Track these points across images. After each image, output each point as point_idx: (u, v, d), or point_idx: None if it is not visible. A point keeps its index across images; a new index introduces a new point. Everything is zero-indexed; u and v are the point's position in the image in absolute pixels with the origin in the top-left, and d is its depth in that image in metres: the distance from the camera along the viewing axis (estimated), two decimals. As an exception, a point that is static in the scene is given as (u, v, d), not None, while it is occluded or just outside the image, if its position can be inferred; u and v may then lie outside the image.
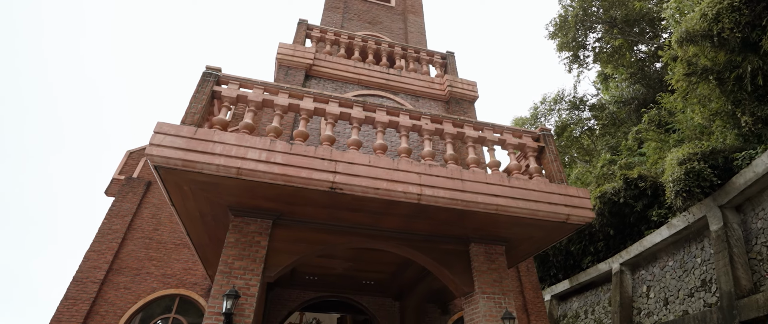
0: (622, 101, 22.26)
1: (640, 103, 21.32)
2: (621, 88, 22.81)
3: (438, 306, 10.25)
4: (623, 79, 21.43)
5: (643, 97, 21.30)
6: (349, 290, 9.50)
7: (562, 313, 15.75)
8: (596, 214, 14.13)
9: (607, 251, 14.67)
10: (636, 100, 21.84)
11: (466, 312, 5.93)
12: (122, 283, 8.56)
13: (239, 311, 4.68)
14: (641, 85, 21.74)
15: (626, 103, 22.30)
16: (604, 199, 13.49)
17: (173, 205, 5.42)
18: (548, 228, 5.91)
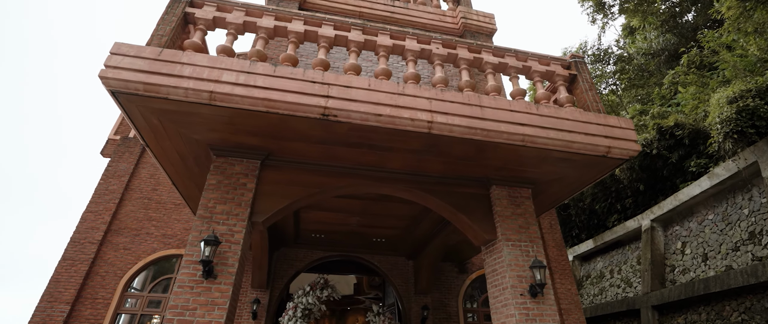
0: (651, 53, 20.42)
1: (671, 55, 19.49)
2: (649, 40, 20.89)
3: (454, 264, 9.52)
4: (653, 29, 19.52)
5: (674, 47, 19.44)
6: (359, 249, 8.83)
7: (585, 274, 14.92)
8: (626, 167, 12.98)
9: (635, 208, 13.59)
10: (666, 51, 19.98)
11: (488, 263, 5.12)
12: (122, 243, 8.09)
13: (221, 259, 3.97)
14: (673, 34, 19.80)
15: (655, 55, 20.45)
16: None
17: (148, 146, 4.67)
18: (584, 164, 4.95)
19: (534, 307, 4.43)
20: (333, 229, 7.82)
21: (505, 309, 4.50)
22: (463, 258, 9.37)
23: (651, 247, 11.54)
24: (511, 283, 4.53)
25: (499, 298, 4.67)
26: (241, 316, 7.69)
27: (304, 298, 7.44)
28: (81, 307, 7.31)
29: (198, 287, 3.79)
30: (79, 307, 7.30)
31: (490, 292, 4.90)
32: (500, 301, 4.65)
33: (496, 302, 4.74)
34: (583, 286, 14.56)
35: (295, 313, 7.28)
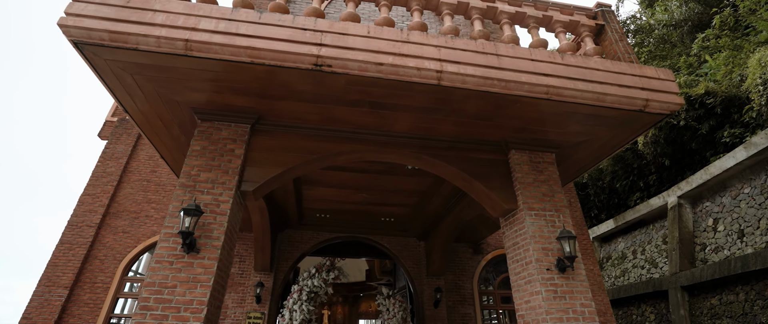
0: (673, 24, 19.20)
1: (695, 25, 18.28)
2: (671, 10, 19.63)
3: (468, 245, 8.97)
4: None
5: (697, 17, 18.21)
6: (367, 230, 8.35)
7: (606, 255, 14.22)
8: (650, 142, 12.16)
9: (660, 185, 12.78)
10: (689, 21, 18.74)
11: (507, 236, 4.55)
12: (120, 226, 7.77)
13: (205, 232, 3.49)
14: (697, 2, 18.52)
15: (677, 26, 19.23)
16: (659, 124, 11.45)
17: (127, 112, 4.19)
18: (617, 122, 4.30)
19: (563, 283, 3.86)
20: (338, 207, 7.33)
21: (530, 286, 3.94)
22: (478, 238, 8.81)
23: (679, 225, 10.78)
24: (536, 257, 3.96)
25: (522, 274, 4.11)
26: (245, 300, 7.31)
27: (309, 281, 7.02)
28: (80, 291, 7.02)
29: (178, 262, 3.32)
30: (77, 291, 7.00)
31: (511, 268, 4.34)
32: (523, 278, 4.09)
33: (518, 279, 4.18)
34: (604, 268, 13.88)
35: (300, 295, 6.87)
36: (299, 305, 6.76)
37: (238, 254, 7.83)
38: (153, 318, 3.06)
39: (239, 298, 7.38)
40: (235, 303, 7.32)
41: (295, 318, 6.62)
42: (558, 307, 3.72)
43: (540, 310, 3.73)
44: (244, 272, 7.65)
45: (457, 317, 7.96)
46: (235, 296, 7.39)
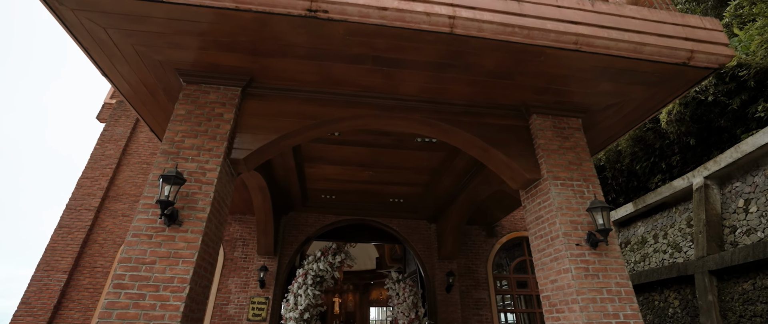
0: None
1: None
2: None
3: (482, 228, 8.50)
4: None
5: (722, -10, 17.14)
6: (374, 212, 7.93)
7: (624, 240, 13.59)
8: (674, 119, 11.44)
9: (683, 166, 12.06)
10: (714, -6, 17.67)
11: (529, 209, 4.06)
12: (120, 210, 7.50)
13: (189, 202, 3.09)
14: (722, -26, 17.44)
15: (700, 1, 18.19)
16: (685, 100, 10.73)
17: (106, 77, 3.79)
18: (655, 78, 3.75)
19: (595, 260, 3.37)
20: (344, 187, 6.91)
21: (557, 263, 3.47)
22: (492, 220, 8.34)
23: (705, 206, 10.12)
24: (563, 231, 3.47)
25: (547, 251, 3.63)
26: (248, 285, 6.99)
27: (314, 264, 6.66)
28: (79, 275, 6.77)
29: (158, 236, 2.93)
30: (77, 275, 6.76)
31: (535, 245, 3.87)
32: (548, 255, 3.61)
33: (542, 256, 3.71)
34: (623, 253, 13.26)
35: (305, 280, 6.52)
36: (304, 290, 6.41)
37: (242, 238, 7.50)
38: (128, 297, 2.68)
39: (242, 282, 7.06)
40: (238, 288, 7.01)
41: (300, 303, 6.29)
42: (590, 287, 3.24)
43: (569, 289, 3.26)
44: (248, 256, 7.32)
45: (470, 302, 7.53)
46: (239, 281, 7.07)
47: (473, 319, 7.36)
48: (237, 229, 7.56)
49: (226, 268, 7.17)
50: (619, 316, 3.14)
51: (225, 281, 7.05)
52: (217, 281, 7.02)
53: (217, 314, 6.74)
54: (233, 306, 6.83)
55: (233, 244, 7.41)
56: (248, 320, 6.58)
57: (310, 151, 5.69)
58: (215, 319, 6.70)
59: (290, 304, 6.26)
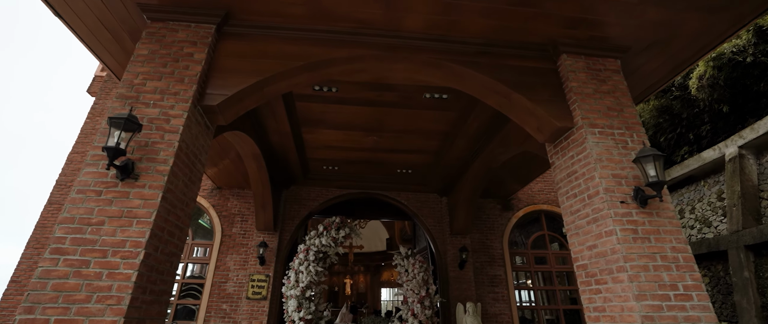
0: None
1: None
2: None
3: (497, 202, 7.88)
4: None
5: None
6: (381, 184, 7.36)
7: (647, 217, 12.80)
8: (706, 85, 10.49)
9: (714, 136, 11.15)
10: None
11: (559, 166, 3.41)
12: (113, 186, 7.09)
13: (148, 154, 2.53)
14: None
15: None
16: (719, 63, 9.76)
17: (62, 19, 3.22)
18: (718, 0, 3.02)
19: (644, 220, 2.73)
20: (347, 156, 6.33)
21: (596, 226, 2.84)
22: (507, 193, 7.70)
23: (740, 178, 9.29)
24: (604, 186, 2.83)
25: (583, 212, 3.00)
26: (248, 262, 6.54)
27: (316, 240, 6.16)
28: (71, 254, 6.40)
29: (109, 192, 2.39)
30: (68, 254, 6.39)
31: (566, 207, 3.23)
32: (584, 216, 2.98)
33: (576, 219, 3.08)
34: (645, 230, 12.50)
35: (307, 256, 6.04)
36: (306, 266, 5.94)
37: (240, 213, 7.03)
38: (68, 264, 2.16)
39: (242, 259, 6.62)
40: (237, 265, 6.57)
41: (301, 280, 5.83)
42: (640, 252, 2.61)
43: (614, 256, 2.64)
44: (247, 232, 6.86)
45: (485, 279, 6.98)
46: (238, 258, 6.63)
47: (488, 297, 6.83)
48: (235, 204, 7.09)
49: (224, 245, 6.73)
50: (678, 287, 2.52)
51: (223, 258, 6.62)
52: (214, 258, 6.59)
53: (216, 292, 6.34)
54: (232, 284, 6.41)
55: (231, 220, 6.95)
56: (248, 298, 6.15)
57: (306, 113, 5.10)
58: (213, 298, 6.30)
59: (291, 281, 5.80)
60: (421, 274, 6.00)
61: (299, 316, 5.50)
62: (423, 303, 5.78)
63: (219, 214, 6.97)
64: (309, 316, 5.51)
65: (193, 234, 6.93)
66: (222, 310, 6.20)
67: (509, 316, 6.70)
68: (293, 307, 5.57)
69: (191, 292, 6.48)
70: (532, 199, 8.04)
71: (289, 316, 5.57)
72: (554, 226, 8.07)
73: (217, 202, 7.09)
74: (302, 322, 5.46)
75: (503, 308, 6.76)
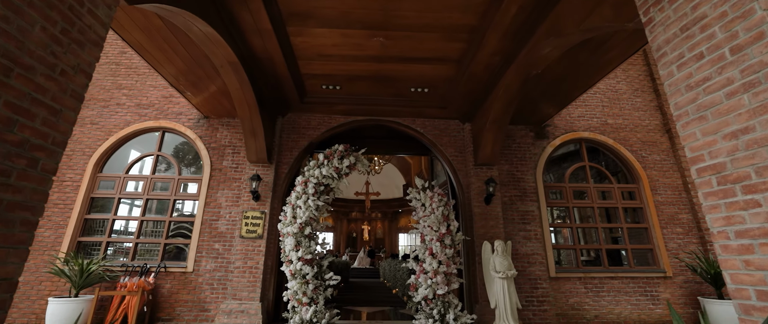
0: None
1: None
2: None
3: (528, 128, 6.63)
4: None
5: None
6: (392, 109, 6.18)
7: None
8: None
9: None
10: None
11: (664, 21, 2.11)
12: (88, 117, 6.20)
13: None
14: None
15: None
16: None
17: None
18: None
19: None
20: (349, 70, 5.11)
21: (752, 95, 1.61)
22: (541, 119, 6.42)
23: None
24: None
25: (717, 80, 1.77)
26: (241, 198, 5.68)
27: (316, 171, 5.19)
28: (47, 191, 5.66)
29: None
30: (44, 191, 5.65)
31: (677, 80, 1.99)
32: (721, 85, 1.75)
33: (702, 94, 1.85)
34: None
35: (305, 189, 5.10)
36: (304, 200, 5.03)
37: (231, 145, 6.07)
38: None
39: (234, 195, 5.75)
40: (229, 201, 5.72)
41: (299, 216, 4.95)
42: None
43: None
44: (239, 166, 5.94)
45: (515, 215, 5.95)
46: (229, 193, 5.77)
47: (519, 235, 5.84)
48: (225, 135, 6.11)
49: (214, 180, 5.85)
50: None
51: (213, 194, 5.77)
52: (204, 194, 5.75)
53: (207, 231, 5.56)
54: (224, 222, 5.61)
55: (221, 152, 6.01)
56: (242, 237, 5.36)
57: (290, 3, 3.83)
58: (204, 236, 5.54)
59: (287, 218, 4.92)
60: (441, 209, 5.00)
61: (297, 255, 4.68)
62: (443, 241, 4.84)
63: (207, 146, 6.03)
64: (308, 255, 4.68)
65: (180, 167, 6.06)
66: (214, 250, 5.45)
67: (543, 256, 5.73)
68: (290, 245, 4.74)
69: (181, 232, 5.75)
70: (571, 126, 6.74)
71: (286, 256, 4.76)
72: (596, 157, 6.83)
73: (205, 132, 6.12)
74: (301, 262, 4.65)
75: (536, 248, 5.78)
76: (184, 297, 5.21)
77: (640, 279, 5.74)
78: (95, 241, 5.55)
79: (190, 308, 5.15)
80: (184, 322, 5.09)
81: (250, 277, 5.17)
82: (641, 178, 6.46)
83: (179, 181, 5.94)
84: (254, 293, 5.10)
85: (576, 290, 5.62)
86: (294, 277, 4.66)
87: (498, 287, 4.77)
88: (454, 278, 4.73)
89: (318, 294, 4.62)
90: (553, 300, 5.54)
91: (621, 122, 6.88)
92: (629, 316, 5.52)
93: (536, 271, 5.65)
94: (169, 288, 5.24)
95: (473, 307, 5.39)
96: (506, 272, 4.76)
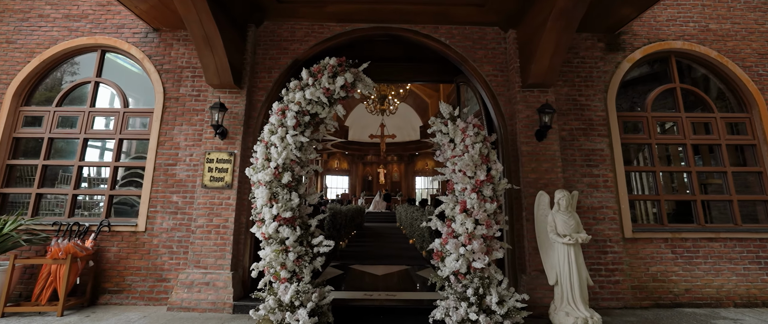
0: None
1: None
2: None
3: (598, 37, 4.69)
4: None
5: None
6: (406, 11, 4.33)
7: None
8: None
9: None
10: None
11: None
12: (2, 34, 4.65)
13: None
14: None
15: None
16: None
17: None
18: None
19: None
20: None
21: None
22: (614, 24, 4.45)
23: None
24: None
25: None
26: (203, 135, 4.16)
27: (298, 94, 3.57)
28: (-41, 130, 4.30)
29: None
30: (-45, 130, 4.30)
31: None
32: None
33: None
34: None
35: (282, 119, 3.54)
36: (281, 136, 3.47)
37: (190, 66, 4.44)
38: None
39: (196, 132, 4.25)
40: (190, 140, 4.24)
41: (273, 158, 3.42)
42: None
43: None
44: (201, 93, 4.36)
45: (577, 155, 4.27)
46: (190, 130, 4.27)
47: (581, 183, 4.20)
48: (182, 53, 4.47)
49: (169, 113, 4.33)
50: None
51: (168, 131, 4.28)
52: (156, 132, 4.26)
53: (162, 178, 4.17)
54: (184, 166, 4.18)
55: (178, 76, 4.42)
56: (205, 186, 3.94)
57: None
58: (159, 186, 4.15)
59: (258, 160, 3.44)
60: (478, 146, 3.38)
61: (272, 213, 3.25)
62: (481, 192, 3.29)
63: (159, 68, 4.43)
64: (287, 212, 3.24)
65: (126, 98, 4.51)
66: (171, 204, 4.09)
67: (614, 211, 4.13)
68: (262, 199, 3.30)
69: (134, 181, 4.38)
70: (656, 34, 4.73)
71: (257, 213, 3.35)
72: (690, 76, 4.89)
73: (156, 50, 4.48)
74: (277, 221, 3.22)
75: (605, 199, 4.16)
76: (135, 263, 3.96)
77: (750, 241, 4.12)
78: (21, 193, 4.26)
79: (143, 277, 3.92)
80: (137, 293, 3.88)
81: (216, 238, 3.82)
82: (756, 105, 4.56)
83: (125, 115, 4.44)
84: (223, 260, 3.78)
85: (660, 256, 4.06)
86: (269, 242, 3.25)
87: (561, 256, 3.26)
88: (497, 244, 3.22)
89: (302, 265, 3.22)
90: (628, 268, 4.02)
91: (729, 28, 4.81)
92: (734, 290, 3.98)
93: (605, 231, 4.08)
94: (117, 252, 3.98)
95: (518, 279, 3.95)
96: (574, 235, 3.21)
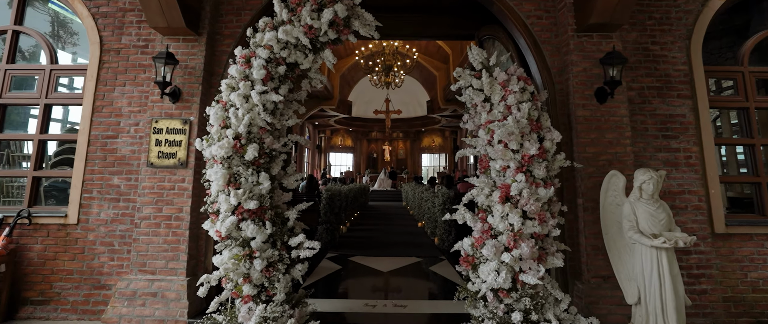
0: None
1: None
2: None
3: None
4: None
5: None
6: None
7: None
8: None
9: None
10: None
11: None
12: None
13: None
14: None
15: None
16: None
17: None
18: None
19: None
20: None
21: None
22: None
23: None
24: None
25: None
26: (151, 96, 3.12)
27: (268, 34, 2.48)
28: None
29: None
30: None
31: None
32: None
33: None
34: None
35: (247, 71, 2.47)
36: (244, 93, 2.41)
37: (134, 7, 3.34)
38: None
39: (142, 94, 3.21)
40: (135, 104, 3.21)
41: (233, 123, 2.37)
42: None
43: None
44: (150, 44, 3.29)
45: (650, 122, 3.17)
46: (135, 91, 3.22)
47: (656, 158, 3.13)
48: (124, -10, 3.36)
49: (108, 70, 3.28)
50: None
51: (107, 94, 3.25)
52: (90, 94, 3.23)
53: (99, 155, 3.17)
54: (128, 139, 3.17)
55: (120, 21, 3.34)
56: (151, 165, 2.94)
57: None
58: (95, 164, 3.16)
59: (214, 127, 2.41)
60: (526, 107, 2.30)
61: (231, 202, 2.24)
62: (530, 171, 2.24)
63: (95, 12, 3.34)
64: (252, 202, 2.23)
65: (53, 51, 3.43)
66: (112, 188, 3.12)
67: (700, 197, 3.07)
68: (218, 181, 2.28)
69: (68, 159, 3.39)
70: (751, -38, 3.49)
71: (211, 201, 2.34)
72: (789, 20, 3.67)
73: (91, -13, 3.37)
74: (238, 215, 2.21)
75: (687, 181, 3.09)
76: (66, 265, 3.03)
77: None
78: None
79: (77, 283, 3.00)
80: (68, 304, 2.97)
81: (167, 233, 2.85)
82: None
83: (53, 73, 3.39)
84: (176, 262, 2.82)
85: (763, 258, 3.02)
86: (226, 244, 2.27)
87: (647, 264, 2.23)
88: (553, 247, 2.21)
89: (274, 277, 2.24)
90: (719, 274, 3.00)
91: None
92: None
93: (688, 224, 3.03)
94: (42, 251, 3.04)
95: (570, 287, 2.94)
96: (669, 235, 2.17)
